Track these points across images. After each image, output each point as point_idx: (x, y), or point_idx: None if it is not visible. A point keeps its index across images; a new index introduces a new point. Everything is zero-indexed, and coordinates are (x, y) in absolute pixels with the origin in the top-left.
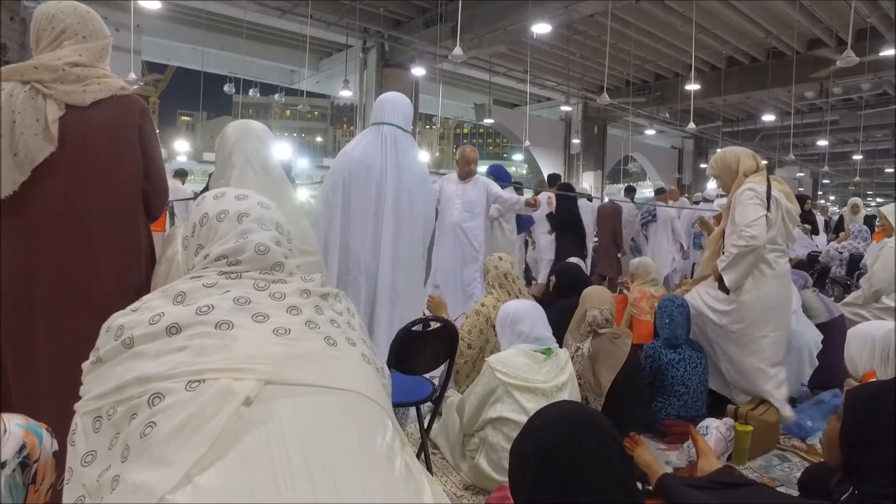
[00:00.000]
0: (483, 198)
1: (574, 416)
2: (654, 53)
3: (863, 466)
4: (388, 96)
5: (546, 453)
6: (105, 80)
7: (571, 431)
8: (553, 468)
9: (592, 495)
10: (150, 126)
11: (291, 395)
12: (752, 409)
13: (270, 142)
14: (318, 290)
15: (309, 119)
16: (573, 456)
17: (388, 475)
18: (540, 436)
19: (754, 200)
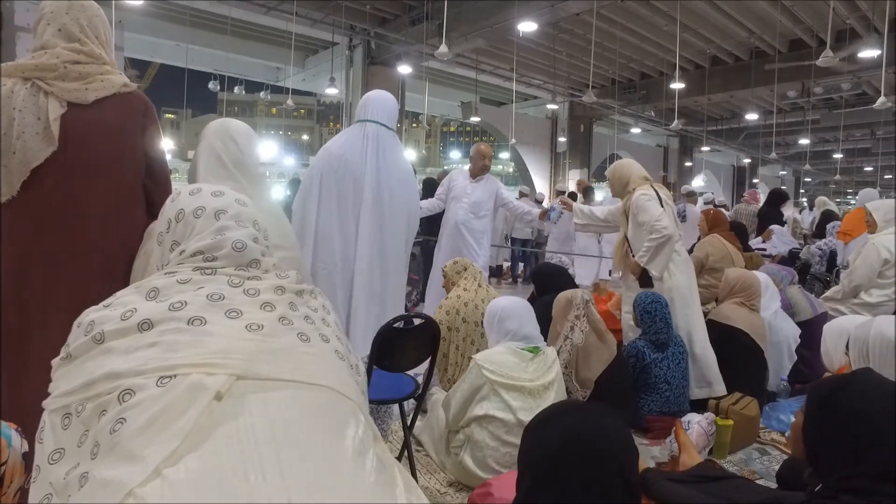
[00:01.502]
0: (491, 199)
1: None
2: (640, 52)
3: (825, 459)
4: (373, 94)
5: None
6: (107, 77)
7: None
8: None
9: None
10: (153, 124)
11: (263, 389)
12: (732, 404)
13: (246, 140)
14: (293, 287)
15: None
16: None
17: (358, 469)
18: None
19: (651, 201)
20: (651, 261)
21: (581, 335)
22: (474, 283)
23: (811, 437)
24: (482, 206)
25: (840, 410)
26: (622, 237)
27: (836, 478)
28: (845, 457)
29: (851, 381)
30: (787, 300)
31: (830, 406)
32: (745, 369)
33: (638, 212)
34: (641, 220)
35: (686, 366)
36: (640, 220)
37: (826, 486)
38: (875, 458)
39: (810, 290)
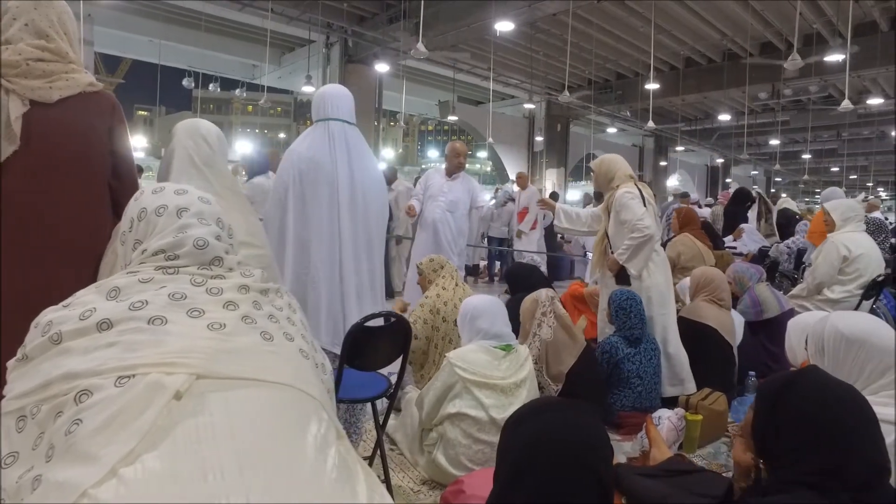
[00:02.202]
0: (468, 197)
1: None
2: (615, 53)
3: (774, 453)
4: (328, 90)
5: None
6: (72, 76)
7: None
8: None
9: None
10: (120, 124)
11: (223, 388)
12: (702, 400)
13: (217, 140)
14: (257, 286)
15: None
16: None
17: (319, 466)
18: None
19: (635, 200)
20: (630, 259)
21: (549, 330)
22: (451, 281)
23: (760, 433)
24: (458, 204)
25: (786, 408)
26: (602, 234)
27: (787, 471)
28: (792, 452)
29: (797, 379)
30: (756, 297)
31: (777, 404)
32: (714, 365)
33: (621, 209)
34: (623, 218)
35: (658, 362)
36: (623, 218)
37: (777, 478)
38: (820, 454)
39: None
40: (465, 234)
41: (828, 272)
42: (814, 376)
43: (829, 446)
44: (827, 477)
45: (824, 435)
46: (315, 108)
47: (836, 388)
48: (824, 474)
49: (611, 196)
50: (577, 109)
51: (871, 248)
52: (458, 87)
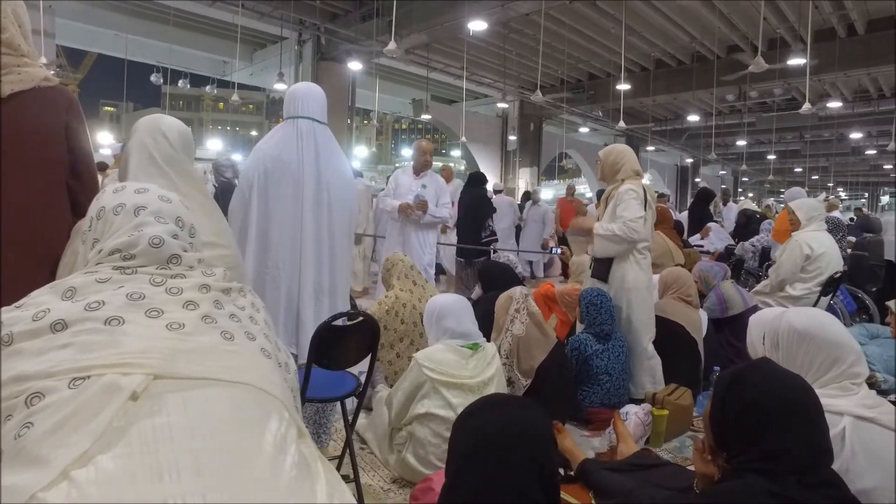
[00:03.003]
0: (435, 195)
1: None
2: (587, 53)
3: (729, 442)
4: (300, 88)
5: (465, 459)
6: (25, 70)
7: (491, 446)
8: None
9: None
10: (78, 121)
11: (182, 388)
12: (668, 395)
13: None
14: (219, 285)
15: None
16: (486, 469)
17: (278, 465)
18: (466, 438)
19: (636, 200)
20: (603, 243)
21: (521, 326)
22: (408, 281)
23: (716, 423)
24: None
25: (738, 399)
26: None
27: (739, 458)
28: (743, 439)
29: (748, 372)
30: (721, 294)
31: (730, 395)
32: (680, 361)
33: (620, 203)
34: (619, 213)
35: (626, 359)
36: (619, 213)
37: (732, 466)
38: (767, 440)
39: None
40: (434, 231)
41: (791, 270)
42: (763, 367)
43: (776, 433)
44: (774, 462)
45: (771, 422)
46: (286, 106)
47: (783, 378)
48: (772, 459)
49: (614, 188)
50: (549, 109)
51: (832, 246)
52: (431, 86)
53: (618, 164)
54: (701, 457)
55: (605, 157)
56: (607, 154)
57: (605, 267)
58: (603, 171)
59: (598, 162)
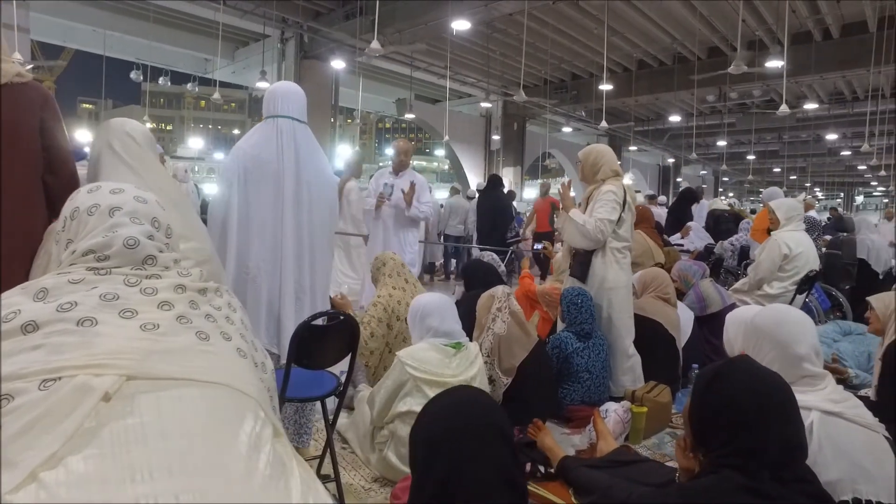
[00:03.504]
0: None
1: (462, 408)
2: (570, 54)
3: (707, 438)
4: (280, 87)
5: (432, 442)
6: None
7: (458, 420)
8: (438, 454)
9: (473, 482)
10: (53, 117)
11: (155, 389)
12: (647, 392)
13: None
14: (195, 286)
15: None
16: (456, 445)
17: (252, 465)
18: (430, 424)
19: (612, 203)
20: (571, 227)
21: (503, 325)
22: (400, 279)
23: (695, 419)
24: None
25: (716, 396)
26: None
27: (716, 454)
28: (721, 436)
29: (727, 370)
30: (700, 293)
31: (709, 392)
32: (659, 358)
33: (599, 202)
34: (595, 212)
35: (606, 357)
36: (594, 211)
37: (710, 461)
38: (744, 436)
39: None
40: (415, 229)
41: (770, 269)
42: (741, 365)
43: (752, 430)
44: (749, 458)
45: (748, 419)
46: (265, 105)
47: (760, 376)
48: (747, 455)
49: (595, 188)
50: (533, 109)
51: (809, 245)
52: (415, 85)
53: (597, 164)
54: (682, 452)
55: (585, 157)
56: (587, 155)
57: (584, 267)
58: (583, 172)
59: (578, 163)
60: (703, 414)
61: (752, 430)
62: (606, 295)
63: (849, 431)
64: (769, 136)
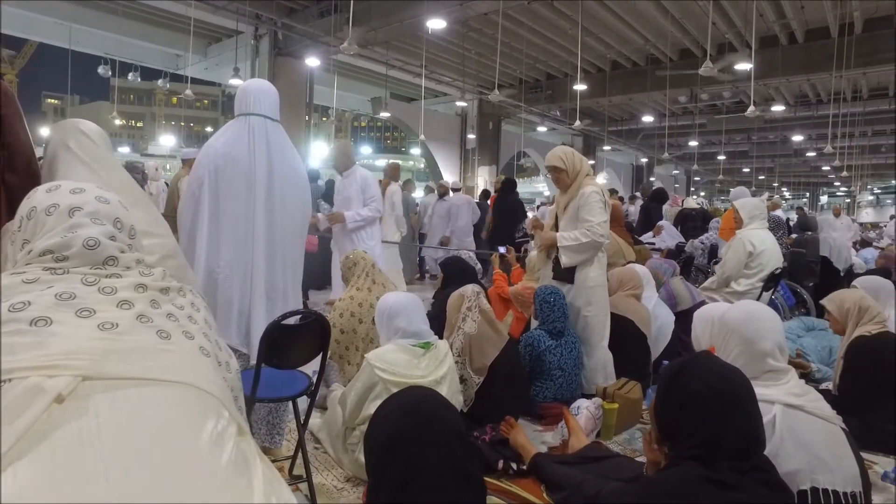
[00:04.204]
0: (360, 192)
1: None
2: (545, 54)
3: (671, 431)
4: (252, 85)
5: (385, 444)
6: None
7: (411, 421)
8: (393, 456)
9: (430, 482)
10: (12, 112)
11: (112, 389)
12: (618, 389)
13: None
14: (156, 285)
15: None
16: (411, 446)
17: (213, 464)
18: (381, 426)
19: (601, 203)
20: (571, 252)
21: (473, 324)
22: (367, 280)
23: (660, 413)
24: (351, 201)
25: (679, 391)
26: (551, 225)
27: (680, 447)
28: (683, 429)
29: (688, 365)
30: (671, 291)
31: (672, 387)
32: (630, 355)
33: (585, 206)
34: (584, 217)
35: (578, 354)
36: (583, 216)
37: (674, 454)
38: (707, 431)
39: (694, 280)
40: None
41: (735, 266)
42: (702, 361)
43: (712, 423)
44: (710, 450)
45: (708, 413)
46: (237, 103)
47: (720, 371)
48: (708, 447)
49: (575, 190)
50: (508, 108)
51: (773, 243)
52: (390, 84)
53: (577, 165)
54: (649, 446)
55: (568, 162)
56: (569, 159)
57: (571, 269)
58: (565, 179)
59: (555, 170)
60: (666, 409)
61: (713, 423)
62: (587, 294)
63: (809, 424)
64: (739, 136)
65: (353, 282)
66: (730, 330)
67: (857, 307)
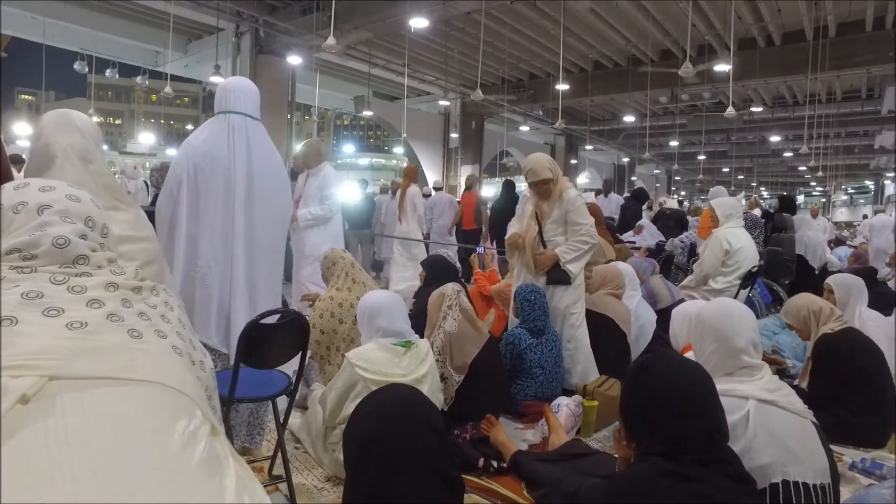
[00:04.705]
0: (318, 190)
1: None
2: (528, 53)
3: (636, 427)
4: (232, 82)
5: (365, 441)
6: None
7: (390, 420)
8: (371, 455)
9: (407, 481)
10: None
11: (80, 389)
12: (598, 386)
13: (93, 133)
14: (128, 284)
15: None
16: (389, 445)
17: (184, 462)
18: (360, 425)
19: (585, 206)
20: (575, 261)
21: (454, 323)
22: (347, 279)
23: (626, 410)
24: (310, 198)
25: (643, 389)
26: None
27: (645, 443)
28: (648, 426)
29: (651, 363)
30: (651, 289)
31: (636, 385)
32: (610, 352)
33: (573, 211)
34: (577, 221)
35: (559, 352)
36: (576, 220)
37: (641, 450)
38: (670, 427)
39: (674, 279)
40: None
41: (713, 265)
42: (664, 358)
43: (675, 419)
44: (674, 444)
45: (671, 410)
46: (217, 100)
47: (682, 367)
48: (672, 442)
49: (557, 195)
50: (491, 107)
51: (749, 242)
52: (373, 83)
53: (559, 171)
54: (619, 443)
55: (555, 169)
56: (553, 165)
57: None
58: (551, 188)
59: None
60: (632, 406)
61: (676, 418)
62: (575, 292)
63: (781, 418)
64: (718, 136)
65: (333, 282)
66: (705, 327)
67: (811, 311)
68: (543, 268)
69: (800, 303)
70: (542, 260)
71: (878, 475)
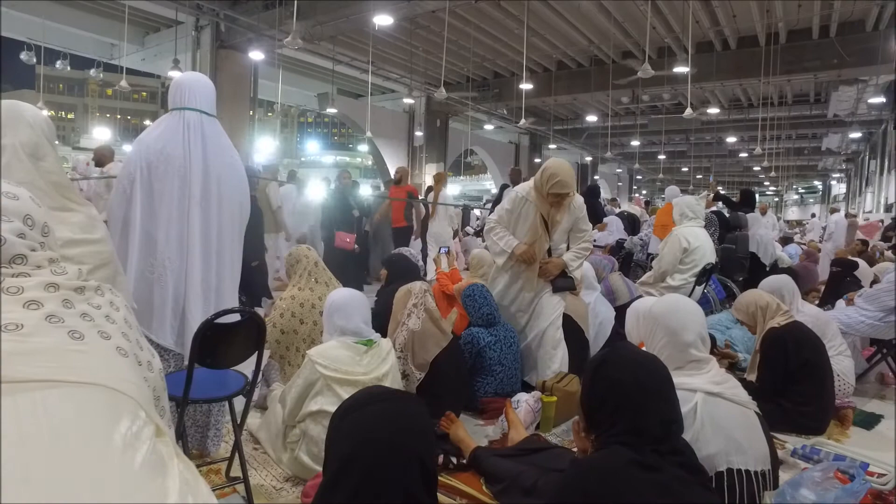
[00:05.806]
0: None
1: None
2: (492, 52)
3: (595, 419)
4: (187, 78)
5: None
6: None
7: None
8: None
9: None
10: None
11: (13, 392)
12: (557, 382)
13: (44, 128)
14: (70, 284)
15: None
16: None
17: (125, 465)
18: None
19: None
20: (579, 268)
21: (417, 321)
22: (310, 279)
23: (585, 403)
24: None
25: (602, 381)
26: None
27: (605, 434)
28: (608, 417)
29: (610, 356)
30: (610, 286)
31: (595, 378)
32: (568, 348)
33: (582, 218)
34: (582, 228)
35: (517, 349)
36: (581, 227)
37: (600, 441)
38: (629, 419)
39: (634, 276)
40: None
41: (671, 262)
42: (621, 352)
43: (633, 411)
44: (633, 434)
45: (630, 401)
46: (171, 96)
47: (639, 360)
48: (630, 433)
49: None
50: (455, 106)
51: (706, 240)
52: (337, 80)
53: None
54: (578, 435)
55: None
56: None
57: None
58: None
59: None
60: (591, 398)
61: (634, 410)
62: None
63: (727, 409)
64: (678, 137)
65: (295, 281)
66: (656, 323)
67: (758, 307)
68: (550, 276)
69: (748, 299)
70: (549, 268)
71: (815, 460)
